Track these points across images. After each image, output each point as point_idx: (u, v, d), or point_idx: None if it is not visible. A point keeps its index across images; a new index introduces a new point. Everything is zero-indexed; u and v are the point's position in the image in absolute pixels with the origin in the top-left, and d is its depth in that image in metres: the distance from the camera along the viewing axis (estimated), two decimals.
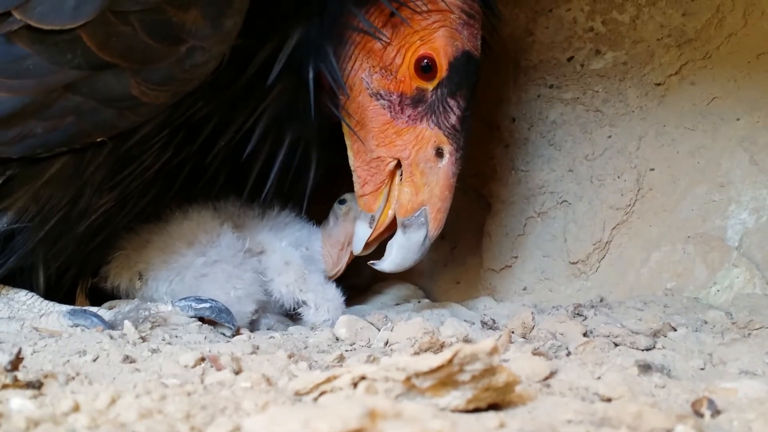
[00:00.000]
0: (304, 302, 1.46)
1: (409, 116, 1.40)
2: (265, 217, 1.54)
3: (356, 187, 1.47)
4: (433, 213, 1.43)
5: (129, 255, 1.46)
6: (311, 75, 1.33)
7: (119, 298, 1.47)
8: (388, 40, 1.37)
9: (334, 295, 1.48)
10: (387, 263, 1.47)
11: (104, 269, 1.46)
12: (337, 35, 1.36)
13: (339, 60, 1.37)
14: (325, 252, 1.57)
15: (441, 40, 1.38)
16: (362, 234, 1.49)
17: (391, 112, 1.40)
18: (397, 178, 1.44)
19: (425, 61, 1.38)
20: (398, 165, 1.44)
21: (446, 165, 1.43)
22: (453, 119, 1.41)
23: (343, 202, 1.52)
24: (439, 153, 1.42)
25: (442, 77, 1.40)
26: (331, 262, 1.57)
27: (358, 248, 1.51)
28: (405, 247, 1.45)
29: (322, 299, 1.46)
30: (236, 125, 1.36)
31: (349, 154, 1.45)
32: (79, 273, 1.42)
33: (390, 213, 1.46)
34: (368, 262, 1.51)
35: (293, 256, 1.50)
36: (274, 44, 1.30)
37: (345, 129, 1.43)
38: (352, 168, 1.46)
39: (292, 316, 1.52)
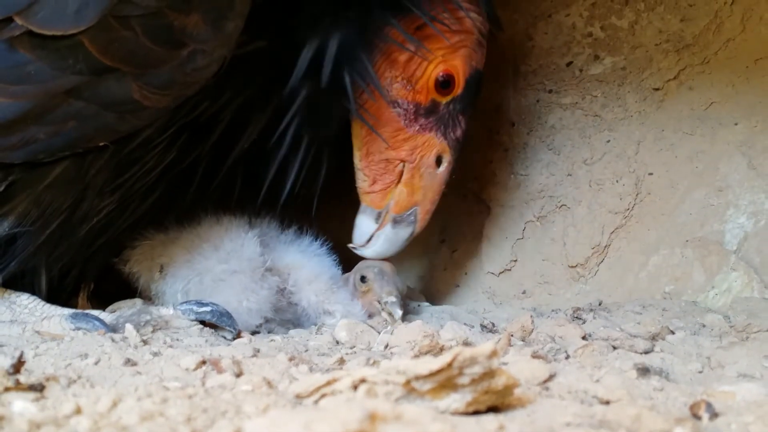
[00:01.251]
0: (331, 312, 1.47)
1: (420, 125, 1.46)
2: (296, 244, 1.55)
3: (363, 184, 1.51)
4: (422, 214, 1.53)
5: (154, 246, 1.49)
6: (348, 80, 1.35)
7: (135, 284, 1.50)
8: (429, 53, 1.41)
9: (359, 311, 1.49)
10: (370, 251, 1.54)
11: (126, 253, 1.49)
12: (369, 43, 1.38)
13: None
14: None
15: (461, 59, 1.45)
16: (366, 228, 1.53)
17: (405, 119, 1.45)
18: None
19: (445, 77, 1.44)
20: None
21: (443, 172, 1.52)
22: (459, 132, 1.50)
23: (364, 280, 1.51)
24: (439, 160, 1.50)
25: (457, 93, 1.47)
26: None
27: (360, 241, 1.54)
28: (391, 240, 1.53)
29: (349, 313, 1.47)
30: (255, 128, 1.38)
31: (356, 153, 1.49)
32: (81, 276, 1.42)
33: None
34: (349, 245, 1.56)
35: (322, 271, 1.52)
36: (312, 48, 1.31)
37: (356, 130, 1.47)
38: (358, 167, 1.50)
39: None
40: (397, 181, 1.50)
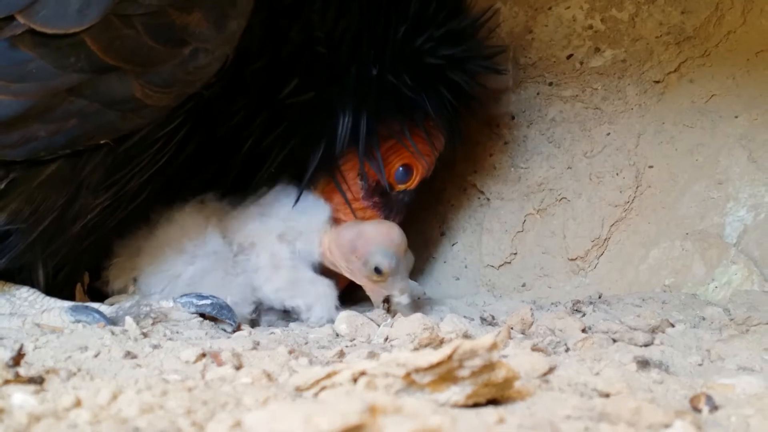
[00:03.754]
0: (294, 309, 1.44)
1: (373, 201, 1.64)
2: (253, 203, 1.51)
3: None
4: None
5: (124, 262, 1.47)
6: (363, 146, 1.53)
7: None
8: (425, 160, 1.65)
9: (325, 291, 1.44)
10: None
11: (104, 274, 1.48)
12: (376, 127, 1.55)
13: None
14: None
15: (423, 163, 1.66)
16: None
17: (363, 192, 1.63)
18: None
19: (407, 169, 1.65)
20: None
21: None
22: (398, 219, 1.67)
23: (379, 271, 1.41)
24: None
25: (410, 187, 1.67)
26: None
27: None
28: None
29: (314, 298, 1.43)
30: (252, 135, 1.46)
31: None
32: (75, 270, 1.42)
33: None
34: None
35: (282, 257, 1.46)
36: (348, 118, 1.49)
37: (321, 184, 1.60)
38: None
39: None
40: None
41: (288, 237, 1.49)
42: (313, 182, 1.58)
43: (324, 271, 1.52)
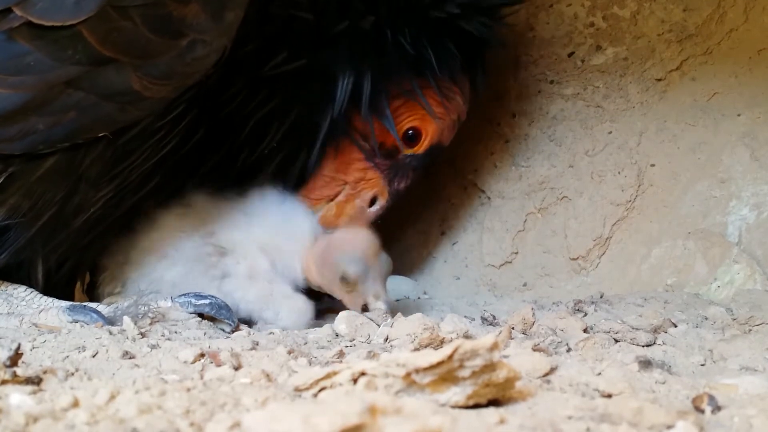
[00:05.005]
0: (269, 321, 1.37)
1: (376, 162, 1.58)
2: (239, 204, 1.47)
3: (307, 187, 1.56)
4: None
5: (114, 269, 1.46)
6: (367, 106, 1.48)
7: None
8: (436, 115, 1.56)
9: (299, 307, 1.38)
10: None
11: (97, 293, 1.47)
12: (384, 85, 1.50)
13: None
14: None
15: (434, 127, 1.58)
16: None
17: (367, 152, 1.56)
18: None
19: (415, 132, 1.58)
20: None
21: (372, 212, 1.61)
22: (402, 185, 1.61)
23: (346, 280, 1.36)
24: (373, 200, 1.60)
25: (418, 152, 1.59)
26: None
27: None
28: None
29: (286, 312, 1.37)
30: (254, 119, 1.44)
31: (321, 162, 1.55)
32: (78, 266, 1.42)
33: None
34: None
35: (260, 269, 1.41)
36: (349, 79, 1.44)
37: (334, 144, 1.54)
38: (313, 171, 1.55)
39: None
40: (331, 198, 1.57)
41: (270, 250, 1.43)
42: (318, 158, 1.52)
43: (313, 293, 1.46)
